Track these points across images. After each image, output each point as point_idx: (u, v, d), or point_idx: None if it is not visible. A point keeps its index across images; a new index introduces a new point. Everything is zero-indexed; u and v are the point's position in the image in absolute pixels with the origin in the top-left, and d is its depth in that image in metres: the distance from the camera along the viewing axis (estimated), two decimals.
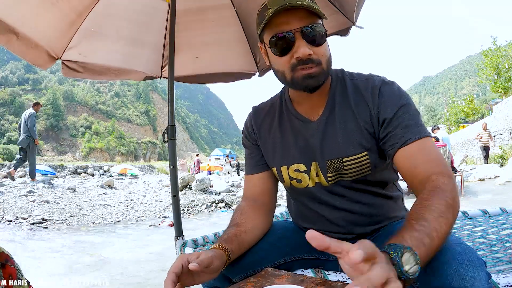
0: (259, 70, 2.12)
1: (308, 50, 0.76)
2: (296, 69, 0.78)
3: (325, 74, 0.80)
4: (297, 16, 0.76)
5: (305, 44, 0.76)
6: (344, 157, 0.83)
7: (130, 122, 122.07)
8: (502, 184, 7.48)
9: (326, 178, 0.87)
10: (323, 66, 0.79)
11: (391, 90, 0.81)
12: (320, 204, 0.91)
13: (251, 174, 0.98)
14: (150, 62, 2.03)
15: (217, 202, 6.91)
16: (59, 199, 6.69)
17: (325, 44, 0.80)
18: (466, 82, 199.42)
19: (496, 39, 23.07)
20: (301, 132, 0.89)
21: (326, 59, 0.80)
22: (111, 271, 2.85)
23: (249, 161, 1.00)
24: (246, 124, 1.01)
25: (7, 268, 0.68)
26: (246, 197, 0.98)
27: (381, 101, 0.81)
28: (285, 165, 0.91)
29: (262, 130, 0.97)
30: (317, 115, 0.88)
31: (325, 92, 0.87)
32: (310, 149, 0.88)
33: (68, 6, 1.57)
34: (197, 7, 1.87)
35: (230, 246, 0.78)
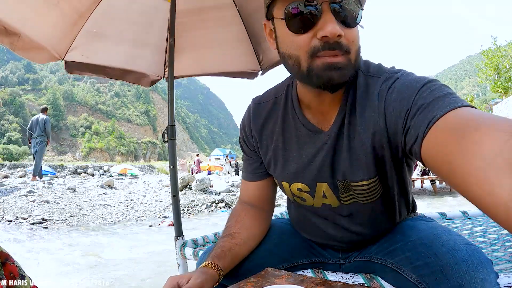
0: (261, 69, 2.11)
1: (339, 29, 0.56)
2: (317, 55, 0.58)
3: (353, 69, 0.61)
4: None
5: (335, 21, 0.56)
6: (352, 182, 0.71)
7: (130, 122, 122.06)
8: None
9: (339, 198, 0.75)
10: (351, 57, 0.60)
11: (403, 86, 0.60)
12: (324, 220, 0.83)
13: (248, 180, 0.90)
14: (152, 62, 2.02)
15: (217, 202, 6.92)
16: (59, 199, 6.69)
17: (357, 30, 0.61)
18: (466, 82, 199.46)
19: (496, 39, 23.10)
20: (307, 145, 0.74)
21: (356, 48, 0.61)
22: (111, 271, 2.85)
23: (247, 166, 0.89)
24: (244, 124, 0.86)
25: (8, 266, 0.68)
26: (243, 201, 0.91)
27: (394, 108, 0.60)
28: (286, 182, 0.80)
29: (264, 135, 0.81)
30: (329, 124, 0.70)
31: (340, 94, 0.68)
32: (317, 168, 0.73)
33: (70, 7, 1.57)
34: (199, 7, 1.87)
35: (222, 263, 0.75)
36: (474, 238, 1.22)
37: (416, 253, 0.67)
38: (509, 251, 1.02)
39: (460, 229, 1.37)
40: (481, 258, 0.59)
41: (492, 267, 0.59)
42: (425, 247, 0.66)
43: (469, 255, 0.59)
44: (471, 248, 0.61)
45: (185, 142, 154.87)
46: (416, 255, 0.67)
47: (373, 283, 0.79)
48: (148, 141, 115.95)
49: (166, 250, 3.43)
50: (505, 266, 0.90)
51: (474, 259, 0.58)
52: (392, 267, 0.73)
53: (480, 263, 0.58)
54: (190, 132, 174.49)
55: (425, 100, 0.54)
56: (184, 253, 1.32)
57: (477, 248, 0.62)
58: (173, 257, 1.43)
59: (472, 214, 1.50)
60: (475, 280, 0.56)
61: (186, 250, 1.31)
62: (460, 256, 0.59)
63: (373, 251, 0.82)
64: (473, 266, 0.57)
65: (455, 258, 0.59)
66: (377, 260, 0.79)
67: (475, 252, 0.60)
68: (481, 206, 0.38)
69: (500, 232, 1.23)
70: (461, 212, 1.52)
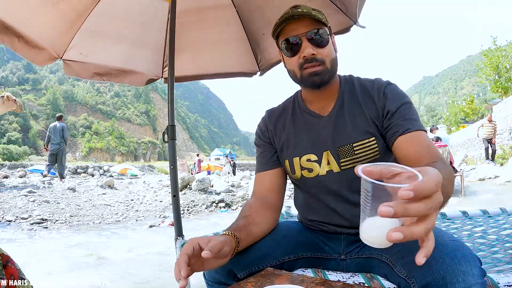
0: (260, 70, 2.11)
1: (312, 50, 0.88)
2: (303, 68, 0.91)
3: (329, 73, 0.91)
4: (303, 23, 0.89)
5: (310, 45, 0.89)
6: (354, 143, 0.92)
7: (130, 122, 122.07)
8: (502, 184, 7.48)
9: (339, 164, 0.93)
10: (327, 65, 0.91)
11: (395, 90, 0.93)
12: (328, 194, 0.95)
13: (262, 171, 1.04)
14: (151, 62, 2.02)
15: (217, 202, 6.91)
16: (59, 199, 6.69)
17: (329, 47, 0.92)
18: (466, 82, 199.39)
19: (496, 39, 23.07)
20: (313, 126, 0.98)
21: (330, 59, 0.91)
22: (111, 271, 2.85)
23: (261, 159, 1.06)
24: (260, 126, 1.10)
25: (8, 268, 0.69)
26: (255, 194, 1.02)
27: (386, 97, 0.91)
28: (297, 156, 0.98)
29: (277, 128, 1.05)
30: (328, 111, 0.98)
31: (334, 92, 0.98)
32: (322, 140, 0.96)
33: (68, 6, 1.57)
34: (198, 7, 1.87)
35: (239, 234, 0.80)
36: (474, 240, 1.22)
37: (406, 248, 0.71)
38: (508, 253, 1.03)
39: (460, 229, 1.38)
40: (465, 253, 0.63)
41: (476, 262, 0.63)
42: (416, 243, 0.68)
43: (453, 250, 0.63)
44: (457, 244, 0.66)
45: (185, 142, 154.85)
46: (406, 250, 0.71)
47: (373, 282, 0.80)
48: (148, 141, 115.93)
49: (166, 250, 3.43)
50: (505, 267, 0.90)
51: (458, 253, 0.62)
52: (387, 261, 0.77)
53: (464, 257, 0.62)
54: (190, 132, 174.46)
55: (405, 115, 0.88)
56: None
57: (463, 244, 0.66)
58: (173, 257, 1.43)
59: (472, 214, 1.50)
60: (457, 272, 0.60)
61: None
62: (445, 250, 0.63)
63: (373, 247, 0.83)
64: (456, 259, 0.61)
65: (440, 252, 0.63)
66: (376, 255, 0.84)
67: (460, 247, 0.64)
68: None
69: (500, 233, 1.23)
70: (461, 212, 1.52)
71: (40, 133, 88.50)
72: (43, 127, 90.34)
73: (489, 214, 1.48)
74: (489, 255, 1.04)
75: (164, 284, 2.50)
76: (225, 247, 0.71)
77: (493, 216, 1.46)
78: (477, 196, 6.53)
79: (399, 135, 0.85)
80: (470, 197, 6.46)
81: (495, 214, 1.47)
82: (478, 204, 5.44)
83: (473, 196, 6.56)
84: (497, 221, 1.39)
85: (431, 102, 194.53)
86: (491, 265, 0.95)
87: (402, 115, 0.87)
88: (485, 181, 8.43)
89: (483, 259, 1.01)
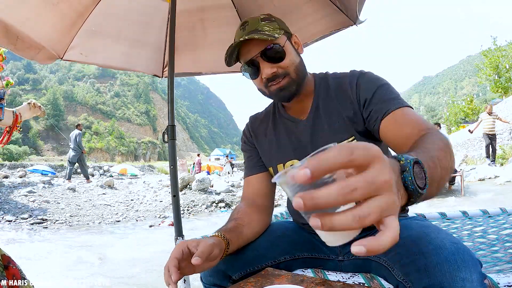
0: None
1: (271, 69, 0.86)
2: (268, 86, 0.89)
3: (296, 82, 0.89)
4: (255, 43, 0.87)
5: (268, 64, 0.86)
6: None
7: (130, 122, 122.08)
8: (502, 184, 7.48)
9: None
10: (291, 76, 0.88)
11: (369, 77, 0.88)
12: None
13: (250, 175, 1.03)
14: (151, 62, 2.03)
15: (217, 202, 6.91)
16: (59, 199, 6.69)
17: (289, 56, 0.88)
18: (466, 82, 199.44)
19: (496, 39, 23.07)
20: (293, 131, 0.97)
21: (293, 68, 0.88)
22: (111, 271, 2.85)
23: (248, 163, 1.05)
24: (244, 131, 1.10)
25: (10, 269, 0.69)
26: (245, 198, 1.01)
27: (359, 87, 0.87)
28: (280, 162, 0.97)
29: (259, 134, 1.04)
30: (305, 114, 0.96)
31: (309, 94, 0.96)
32: (303, 145, 0.94)
33: (68, 6, 1.57)
34: (198, 7, 1.87)
35: (229, 236, 0.79)
36: (474, 239, 1.22)
37: (405, 250, 0.68)
38: (509, 252, 1.03)
39: (460, 229, 1.37)
40: (466, 257, 0.59)
41: (477, 267, 0.59)
42: (413, 244, 0.67)
43: (452, 254, 0.60)
44: (456, 246, 0.61)
45: (185, 142, 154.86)
46: (404, 252, 0.68)
47: (373, 283, 0.79)
48: (148, 141, 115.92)
49: (166, 250, 3.43)
50: (505, 267, 0.90)
51: (457, 258, 0.59)
52: (385, 264, 0.75)
53: (463, 262, 0.58)
54: (190, 132, 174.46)
55: (383, 97, 0.82)
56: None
57: (463, 247, 0.62)
58: None
59: (472, 214, 1.50)
60: (455, 279, 0.57)
61: None
62: (444, 255, 0.60)
63: None
64: (455, 265, 0.58)
65: (438, 256, 0.60)
66: (373, 257, 0.82)
67: (460, 251, 0.60)
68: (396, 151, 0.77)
69: (500, 233, 1.23)
70: (461, 212, 1.52)
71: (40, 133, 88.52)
72: (43, 127, 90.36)
73: (489, 214, 1.47)
74: (489, 255, 1.04)
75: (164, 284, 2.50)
76: (215, 250, 0.71)
77: (493, 216, 1.46)
78: (477, 196, 6.53)
79: (381, 119, 0.80)
80: (470, 197, 6.46)
81: (495, 214, 1.47)
82: (478, 204, 5.44)
83: (473, 196, 6.56)
84: (497, 221, 1.39)
85: (431, 102, 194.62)
86: (491, 265, 0.95)
87: (380, 98, 0.82)
88: (485, 181, 8.43)
89: (483, 258, 1.01)
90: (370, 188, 0.32)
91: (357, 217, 0.31)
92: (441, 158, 0.54)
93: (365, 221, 0.31)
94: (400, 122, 0.76)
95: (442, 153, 0.56)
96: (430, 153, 0.53)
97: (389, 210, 0.33)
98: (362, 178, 0.32)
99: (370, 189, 0.32)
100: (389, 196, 0.33)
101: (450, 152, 0.60)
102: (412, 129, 0.72)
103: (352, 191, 0.31)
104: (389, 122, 0.78)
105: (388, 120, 0.78)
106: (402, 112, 0.78)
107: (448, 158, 0.57)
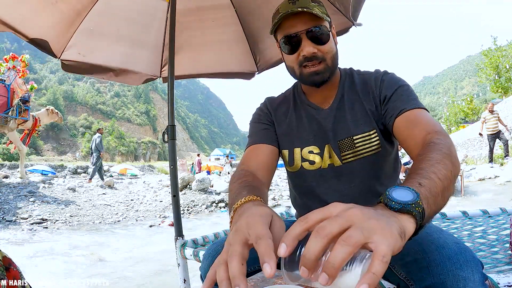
0: (258, 70, 2.11)
1: (313, 49, 0.85)
2: (303, 66, 0.87)
3: (330, 70, 0.89)
4: (302, 19, 0.85)
5: (310, 43, 0.85)
6: (354, 136, 0.90)
7: (130, 122, 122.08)
8: (502, 184, 7.48)
9: (340, 157, 0.92)
10: (327, 63, 0.87)
11: (392, 77, 0.92)
12: (325, 189, 0.94)
13: (259, 143, 0.93)
14: (149, 62, 2.02)
15: (217, 202, 6.91)
16: (59, 199, 6.69)
17: (330, 43, 0.88)
18: (466, 82, 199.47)
19: (496, 39, 23.07)
20: (315, 117, 0.96)
21: (331, 55, 0.88)
22: (111, 271, 2.85)
23: (260, 132, 0.96)
24: (261, 108, 1.03)
25: (11, 271, 0.70)
26: (245, 166, 0.87)
27: (383, 84, 0.90)
28: (298, 147, 0.96)
29: (278, 114, 1.01)
30: (328, 104, 0.96)
31: (335, 85, 0.96)
32: (323, 132, 0.94)
33: (67, 5, 1.57)
34: (197, 7, 1.87)
35: (258, 194, 0.63)
36: (474, 240, 1.22)
37: (406, 249, 0.67)
38: (508, 253, 1.02)
39: (460, 229, 1.37)
40: (467, 257, 0.60)
41: (479, 268, 0.60)
42: (415, 243, 0.67)
43: (455, 253, 0.60)
44: (459, 246, 0.62)
45: (185, 142, 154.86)
46: (406, 251, 0.68)
47: None
48: (148, 141, 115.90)
49: (166, 250, 3.43)
50: (505, 268, 0.90)
51: (460, 258, 0.59)
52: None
53: (466, 262, 0.59)
54: (190, 132, 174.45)
55: (401, 96, 0.86)
56: (184, 253, 1.32)
57: (466, 247, 0.63)
58: (173, 257, 1.43)
59: (472, 214, 1.50)
60: (457, 278, 0.57)
61: (186, 250, 1.31)
62: (446, 254, 0.61)
63: None
64: (457, 264, 0.59)
65: (441, 255, 0.61)
66: None
67: (462, 251, 0.61)
68: (410, 154, 0.76)
69: (500, 233, 1.23)
70: (461, 212, 1.52)
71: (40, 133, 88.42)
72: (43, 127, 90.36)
73: (489, 214, 1.47)
74: (489, 255, 1.04)
75: (164, 284, 2.50)
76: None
77: (493, 216, 1.46)
78: (477, 196, 6.53)
79: (396, 117, 0.83)
80: (470, 197, 6.47)
81: (495, 214, 1.47)
82: (478, 204, 5.44)
83: (473, 196, 6.57)
84: (497, 221, 1.39)
85: (431, 102, 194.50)
86: (491, 266, 0.95)
87: (398, 96, 0.86)
88: (485, 181, 8.42)
89: (483, 259, 1.00)
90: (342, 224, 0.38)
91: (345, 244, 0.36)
92: (440, 169, 0.55)
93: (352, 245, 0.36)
94: (412, 122, 0.79)
95: (441, 165, 0.56)
96: (424, 172, 0.53)
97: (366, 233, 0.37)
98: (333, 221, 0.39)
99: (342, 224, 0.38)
100: (345, 245, 0.36)
101: (451, 159, 0.60)
102: (421, 130, 0.74)
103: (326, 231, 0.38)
104: (402, 120, 0.81)
105: (401, 118, 0.81)
106: (416, 113, 0.81)
107: (449, 166, 0.57)
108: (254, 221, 0.48)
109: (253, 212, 0.51)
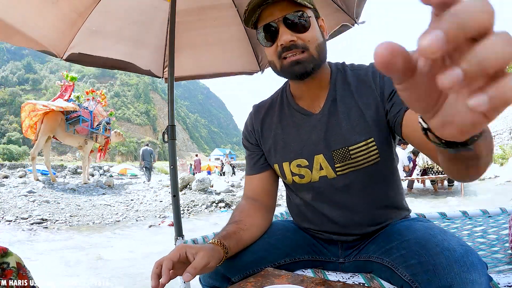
0: (261, 69, 2.11)
1: (290, 36, 0.77)
2: (282, 58, 0.79)
3: (314, 61, 0.79)
4: (279, 7, 0.78)
5: (288, 31, 0.77)
6: (349, 146, 0.82)
7: (130, 122, 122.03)
8: (502, 184, 7.48)
9: (334, 169, 0.84)
10: (311, 52, 0.78)
11: None
12: (323, 202, 0.89)
13: (251, 174, 0.98)
14: (151, 62, 2.02)
15: (217, 202, 6.91)
16: (59, 199, 6.69)
17: (313, 30, 0.79)
18: None
19: None
20: (303, 126, 0.88)
21: (315, 45, 0.79)
22: (111, 271, 2.85)
23: (249, 161, 0.99)
24: (246, 125, 1.01)
25: (20, 276, 0.72)
26: (247, 197, 0.98)
27: (383, 80, 0.80)
28: (286, 161, 0.90)
29: (264, 128, 0.96)
30: (319, 107, 0.87)
31: (325, 83, 0.87)
32: (313, 142, 0.86)
33: (69, 6, 1.57)
34: (198, 7, 1.87)
35: (228, 243, 0.78)
36: (474, 239, 1.22)
37: (411, 252, 0.68)
38: (508, 253, 1.03)
39: (460, 229, 1.37)
40: (474, 260, 0.59)
41: (485, 270, 0.59)
42: (419, 246, 0.67)
43: (462, 256, 0.60)
44: (465, 249, 0.61)
45: (185, 142, 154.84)
46: (411, 253, 0.68)
47: (373, 283, 0.79)
48: (148, 141, 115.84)
49: (166, 250, 3.42)
50: (505, 267, 0.90)
51: (467, 260, 0.59)
52: (388, 265, 0.74)
53: (472, 265, 0.58)
54: (190, 132, 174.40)
55: None
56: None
57: (472, 250, 0.62)
58: None
59: (472, 214, 1.50)
60: (465, 281, 0.56)
61: None
62: (453, 257, 0.60)
63: (371, 250, 0.83)
64: (464, 267, 0.58)
65: (448, 258, 0.60)
66: (375, 259, 0.80)
67: (469, 253, 0.60)
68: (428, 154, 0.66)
69: (500, 233, 1.23)
70: (461, 212, 1.52)
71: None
72: None
73: (489, 214, 1.47)
74: (489, 255, 1.04)
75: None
76: (211, 262, 0.70)
77: (493, 216, 1.46)
78: (477, 196, 6.53)
79: (405, 111, 0.73)
80: (470, 197, 6.46)
81: (495, 214, 1.47)
82: (478, 204, 5.44)
83: (473, 196, 6.56)
84: (497, 221, 1.39)
85: None
86: (491, 265, 0.95)
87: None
88: (485, 181, 8.42)
89: (483, 258, 1.01)
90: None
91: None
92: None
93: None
94: None
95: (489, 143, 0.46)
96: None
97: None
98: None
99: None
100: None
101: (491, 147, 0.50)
102: None
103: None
104: (412, 114, 0.71)
105: (412, 112, 0.71)
106: None
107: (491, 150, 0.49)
108: (188, 248, 0.71)
109: (199, 246, 0.72)
